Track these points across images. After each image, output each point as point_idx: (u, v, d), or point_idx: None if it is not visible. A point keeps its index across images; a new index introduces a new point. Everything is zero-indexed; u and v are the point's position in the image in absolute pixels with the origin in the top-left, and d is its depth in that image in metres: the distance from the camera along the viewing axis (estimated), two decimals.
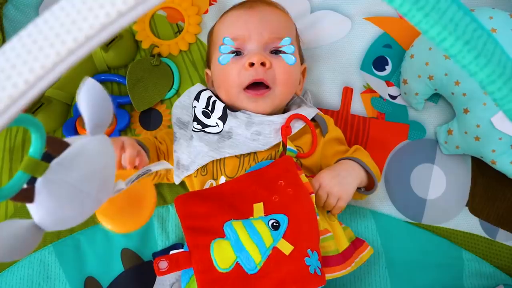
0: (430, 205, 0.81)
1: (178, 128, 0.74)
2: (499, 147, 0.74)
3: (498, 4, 0.83)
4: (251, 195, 0.60)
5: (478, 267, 0.78)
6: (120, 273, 0.78)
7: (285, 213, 0.58)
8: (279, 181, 0.60)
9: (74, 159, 0.33)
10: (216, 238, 0.58)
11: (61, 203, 0.33)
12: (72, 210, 0.33)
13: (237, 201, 0.60)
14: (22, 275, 0.78)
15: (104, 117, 0.36)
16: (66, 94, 0.85)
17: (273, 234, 0.57)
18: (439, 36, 0.30)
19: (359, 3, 0.88)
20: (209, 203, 0.60)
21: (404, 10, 0.30)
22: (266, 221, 0.57)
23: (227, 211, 0.59)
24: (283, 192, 0.60)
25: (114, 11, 0.26)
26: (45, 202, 0.32)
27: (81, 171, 0.33)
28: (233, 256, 0.56)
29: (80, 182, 0.33)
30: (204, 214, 0.59)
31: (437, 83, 0.77)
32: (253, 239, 0.56)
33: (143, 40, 0.88)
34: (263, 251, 0.56)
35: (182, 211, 0.60)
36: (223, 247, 0.57)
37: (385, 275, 0.78)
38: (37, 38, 0.26)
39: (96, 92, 0.35)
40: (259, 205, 0.59)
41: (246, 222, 0.58)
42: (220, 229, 0.58)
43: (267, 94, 0.69)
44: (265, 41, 0.70)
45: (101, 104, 0.35)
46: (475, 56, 0.30)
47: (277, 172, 0.61)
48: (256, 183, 0.61)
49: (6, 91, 0.26)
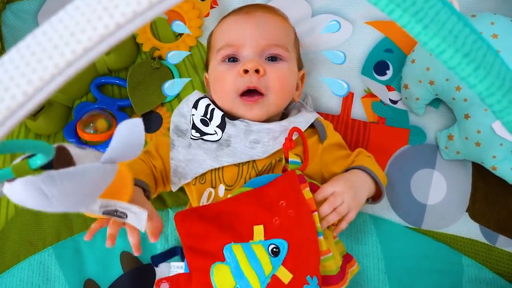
0: (430, 210, 0.81)
1: (176, 136, 0.73)
2: (499, 153, 0.74)
3: (500, 9, 0.83)
4: (251, 216, 0.59)
5: (478, 273, 0.78)
6: (119, 276, 0.78)
7: (285, 237, 0.57)
8: (280, 201, 0.59)
9: (67, 179, 0.34)
10: (216, 261, 0.57)
11: (26, 200, 0.34)
12: (33, 207, 0.35)
13: (237, 222, 0.59)
14: (22, 277, 0.78)
15: (126, 157, 0.37)
16: (67, 97, 0.85)
17: (273, 261, 0.56)
18: (438, 48, 0.30)
19: (360, 7, 0.88)
20: (208, 222, 0.59)
21: (403, 22, 0.30)
22: (266, 246, 0.57)
23: (226, 233, 0.58)
24: (284, 214, 0.58)
25: (112, 23, 0.26)
26: (16, 189, 0.34)
27: (63, 192, 0.34)
28: (232, 281, 0.56)
29: (56, 198, 0.33)
30: (203, 234, 0.58)
31: (438, 88, 0.77)
32: (253, 266, 0.55)
33: (144, 43, 0.88)
34: (262, 280, 0.55)
35: (183, 229, 0.59)
36: (223, 272, 0.56)
37: (384, 280, 0.78)
38: (36, 50, 0.26)
39: (136, 133, 0.36)
40: (259, 228, 0.58)
41: (246, 247, 0.57)
42: (220, 252, 0.57)
43: (261, 100, 0.69)
44: (261, 47, 0.70)
45: (133, 146, 0.36)
46: (474, 69, 0.30)
47: (279, 191, 0.60)
48: (257, 203, 0.59)
49: (4, 103, 0.26)
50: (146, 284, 0.78)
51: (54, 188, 0.33)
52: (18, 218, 0.81)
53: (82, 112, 0.85)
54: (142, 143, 0.36)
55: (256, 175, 0.66)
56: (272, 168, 0.67)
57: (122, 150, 0.36)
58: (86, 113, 0.84)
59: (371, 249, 0.79)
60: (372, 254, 0.79)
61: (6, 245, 0.80)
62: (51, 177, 0.33)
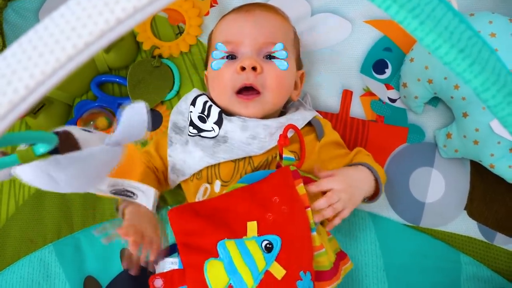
0: (429, 208, 0.82)
1: (174, 133, 0.74)
2: (497, 151, 0.74)
3: (498, 8, 0.83)
4: (245, 212, 0.59)
5: (476, 271, 0.79)
6: (119, 272, 0.79)
7: (278, 233, 0.57)
8: (274, 197, 0.59)
9: (73, 163, 0.34)
10: (209, 257, 0.57)
11: (35, 181, 0.35)
12: (42, 187, 0.36)
13: (231, 218, 0.59)
14: (22, 274, 0.78)
15: (131, 139, 0.38)
16: (68, 95, 0.86)
17: (266, 257, 0.56)
18: (434, 43, 0.30)
19: (359, 6, 0.88)
20: (202, 218, 0.59)
21: (399, 18, 0.30)
22: (259, 242, 0.57)
23: (220, 229, 0.58)
24: (277, 210, 0.59)
25: (113, 18, 0.26)
26: (25, 172, 0.35)
27: (70, 175, 0.34)
28: (226, 277, 0.56)
29: (64, 181, 0.34)
30: (197, 230, 0.58)
31: (436, 86, 0.78)
32: (246, 262, 0.56)
33: (144, 42, 0.89)
34: (255, 275, 0.55)
35: (177, 226, 0.59)
36: (216, 268, 0.56)
37: (383, 278, 0.78)
38: (37, 44, 0.27)
39: (141, 116, 0.36)
40: (252, 224, 0.58)
41: (239, 243, 0.57)
42: (214, 248, 0.57)
43: (257, 99, 0.69)
44: (259, 45, 0.70)
45: (137, 129, 0.37)
46: (470, 64, 0.31)
47: (272, 187, 0.60)
48: (250, 199, 0.59)
49: (6, 96, 0.26)
50: (145, 281, 0.78)
51: (61, 172, 0.33)
52: (18, 216, 0.82)
53: (82, 110, 0.85)
54: (146, 126, 0.37)
55: (252, 171, 0.67)
56: (268, 164, 0.68)
57: (127, 133, 0.36)
58: (87, 111, 0.85)
59: (369, 246, 0.79)
60: (371, 251, 0.79)
61: (7, 242, 0.81)
62: (58, 161, 0.33)
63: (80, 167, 0.35)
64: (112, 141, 0.37)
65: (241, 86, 0.69)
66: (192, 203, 0.62)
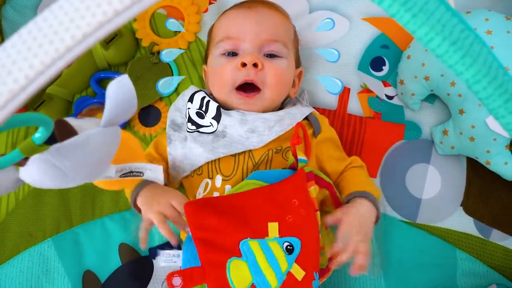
0: (425, 204, 0.82)
1: (173, 130, 0.74)
2: (493, 148, 0.75)
3: (495, 6, 0.84)
4: (265, 212, 0.59)
5: (472, 267, 0.79)
6: (117, 267, 0.79)
7: (298, 235, 0.58)
8: (293, 199, 0.59)
9: (74, 149, 0.34)
10: (232, 256, 0.57)
11: (44, 178, 0.35)
12: (53, 184, 0.36)
13: (250, 217, 0.58)
14: (22, 268, 0.79)
15: (123, 116, 0.37)
16: (67, 91, 0.86)
17: (288, 258, 0.57)
18: (426, 36, 0.31)
19: (357, 4, 0.89)
20: (222, 215, 0.58)
21: (393, 11, 0.31)
22: (281, 243, 0.57)
23: (241, 228, 0.58)
24: (296, 213, 0.59)
25: (111, 10, 0.27)
26: (31, 172, 0.35)
27: (74, 161, 0.34)
28: (249, 277, 0.56)
29: (70, 169, 0.34)
30: (217, 227, 0.58)
31: (433, 83, 0.78)
32: (270, 263, 0.56)
33: (143, 38, 0.89)
34: (279, 277, 0.56)
35: (194, 221, 0.58)
36: (240, 268, 0.56)
37: (379, 274, 0.79)
38: (37, 35, 0.27)
39: (126, 90, 0.36)
40: (274, 225, 0.58)
41: (263, 243, 0.57)
42: (235, 247, 0.57)
43: (257, 96, 0.70)
44: (261, 42, 0.70)
45: (126, 103, 0.36)
46: (461, 56, 0.31)
47: (292, 189, 0.60)
48: (270, 200, 0.59)
49: (7, 86, 0.27)
50: (143, 275, 0.79)
51: (65, 160, 0.34)
52: (18, 210, 0.82)
53: (82, 106, 0.86)
54: (134, 99, 0.36)
55: (253, 165, 0.67)
56: (269, 159, 0.68)
57: (117, 110, 0.36)
58: (86, 107, 0.85)
59: None
60: None
61: (7, 236, 0.81)
62: (59, 149, 0.34)
63: (81, 152, 0.35)
64: (105, 122, 0.37)
65: (242, 82, 0.69)
66: (208, 198, 0.62)
